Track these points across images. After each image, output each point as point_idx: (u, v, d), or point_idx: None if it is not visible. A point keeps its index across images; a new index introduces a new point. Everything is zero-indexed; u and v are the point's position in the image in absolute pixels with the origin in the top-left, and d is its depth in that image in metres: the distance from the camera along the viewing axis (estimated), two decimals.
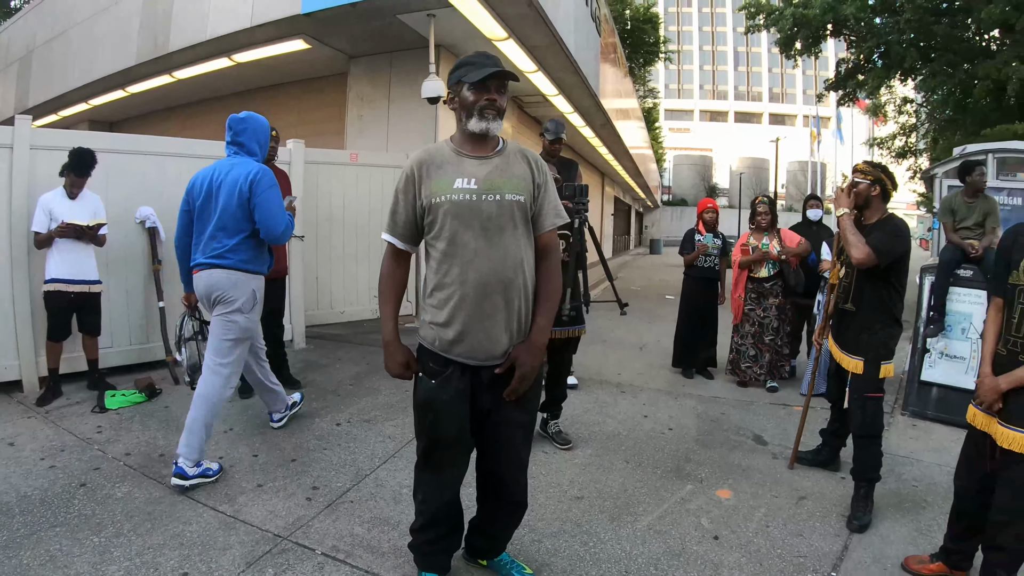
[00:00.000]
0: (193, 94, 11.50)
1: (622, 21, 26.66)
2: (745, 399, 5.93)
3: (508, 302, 2.36)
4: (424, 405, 2.42)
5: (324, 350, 6.86)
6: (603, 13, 12.87)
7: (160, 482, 3.64)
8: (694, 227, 6.93)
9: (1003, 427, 2.66)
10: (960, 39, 16.73)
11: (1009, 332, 2.74)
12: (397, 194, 2.42)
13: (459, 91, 2.38)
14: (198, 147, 6.23)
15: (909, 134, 25.87)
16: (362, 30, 8.10)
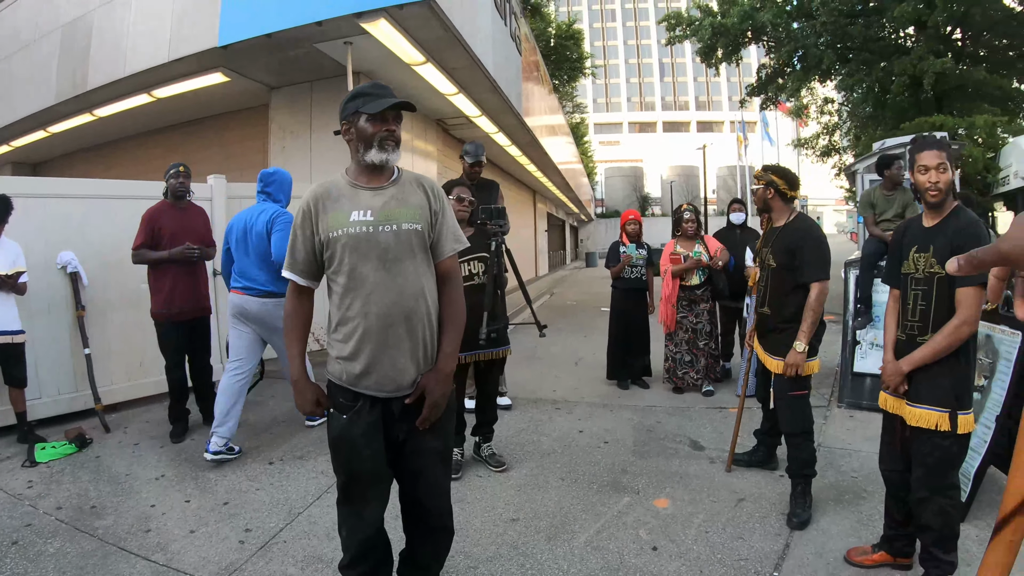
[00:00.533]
0: (116, 132, 11.26)
1: (545, 38, 26.93)
2: (681, 405, 6.05)
3: (412, 332, 2.37)
4: (338, 441, 2.39)
5: (257, 388, 6.64)
6: (523, 32, 13.01)
7: (92, 535, 3.54)
8: (618, 239, 7.05)
9: (910, 406, 2.85)
10: (875, 38, 17.43)
11: (906, 318, 2.94)
12: (295, 230, 2.40)
13: (356, 122, 2.37)
14: (121, 188, 6.19)
15: (832, 133, 26.74)
16: (280, 60, 8.06)
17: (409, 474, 2.50)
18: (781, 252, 3.82)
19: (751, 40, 19.68)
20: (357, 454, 2.36)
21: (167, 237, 5.18)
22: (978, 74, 16.05)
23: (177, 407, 5.30)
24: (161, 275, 5.18)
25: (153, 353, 5.44)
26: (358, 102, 2.37)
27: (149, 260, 5.15)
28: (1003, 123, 14.78)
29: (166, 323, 5.21)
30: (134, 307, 5.94)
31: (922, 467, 2.84)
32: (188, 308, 5.28)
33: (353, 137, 2.40)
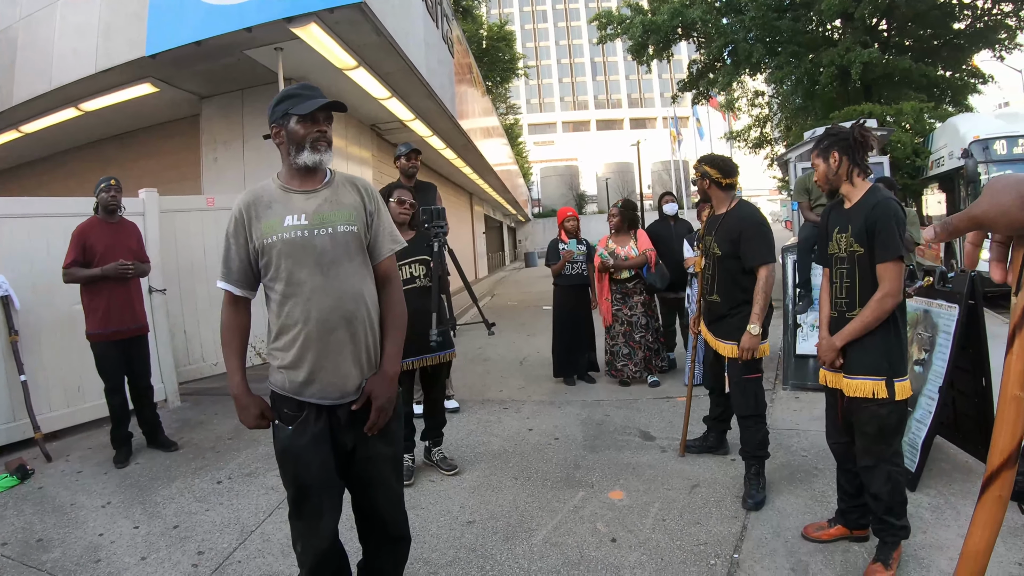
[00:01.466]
0: (47, 147, 10.85)
1: (477, 40, 26.96)
2: (628, 398, 6.13)
3: (353, 336, 2.34)
4: (285, 453, 2.33)
5: (200, 406, 6.60)
6: (455, 34, 12.98)
7: (41, 569, 3.42)
8: (557, 237, 7.10)
9: (847, 379, 2.99)
10: (803, 31, 17.95)
11: (835, 296, 3.10)
12: (228, 239, 2.33)
13: (286, 124, 2.32)
14: (48, 206, 5.95)
15: (763, 125, 27.38)
16: (210, 69, 7.89)
17: (362, 483, 2.47)
18: (725, 240, 3.90)
19: (681, 37, 20.05)
20: (306, 466, 2.31)
21: (99, 254, 5.02)
22: (904, 63, 16.63)
23: (119, 431, 5.12)
24: (95, 294, 5.02)
25: (91, 376, 5.25)
26: (287, 104, 2.33)
27: (81, 278, 4.98)
28: (929, 109, 15.41)
29: (103, 344, 5.05)
30: (68, 329, 5.74)
31: (864, 436, 2.97)
32: (125, 327, 5.14)
33: (284, 140, 2.35)
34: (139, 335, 5.32)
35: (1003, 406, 0.98)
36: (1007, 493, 0.99)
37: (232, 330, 2.39)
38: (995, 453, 0.99)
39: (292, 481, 2.35)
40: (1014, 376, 0.96)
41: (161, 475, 4.73)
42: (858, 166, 3.06)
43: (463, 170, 17.81)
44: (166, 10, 6.99)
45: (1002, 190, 0.89)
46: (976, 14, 17.67)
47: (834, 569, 3.04)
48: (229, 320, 2.40)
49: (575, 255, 6.87)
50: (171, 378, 6.67)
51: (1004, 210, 0.88)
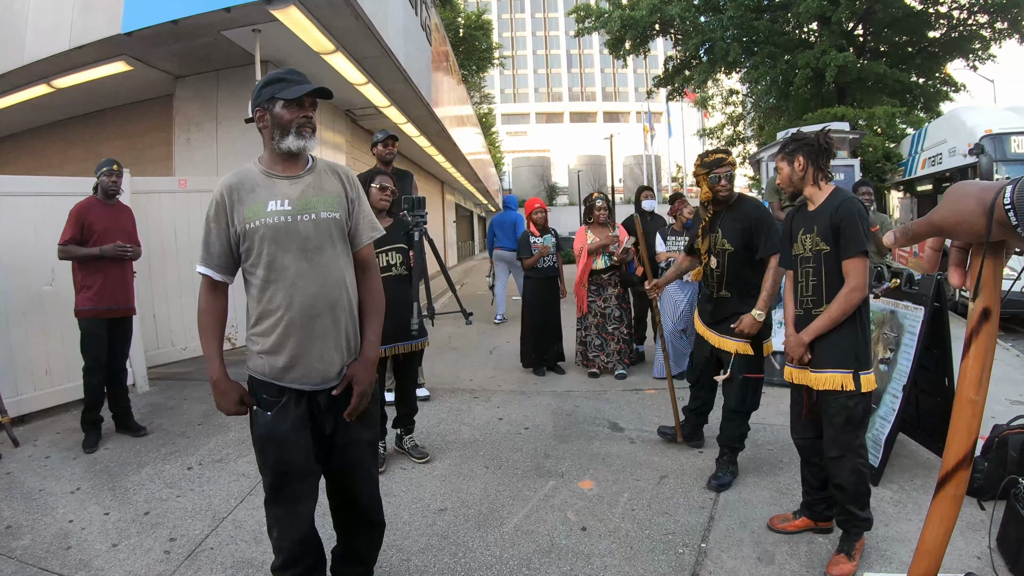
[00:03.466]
0: (14, 125, 10.59)
1: (454, 28, 26.83)
2: (598, 389, 6.21)
3: (336, 321, 2.36)
4: (264, 439, 2.34)
5: (170, 391, 6.54)
6: (434, 22, 12.92)
7: (10, 556, 3.37)
8: (526, 230, 7.13)
9: (815, 373, 3.09)
10: (780, 32, 18.13)
11: (801, 294, 3.22)
12: (208, 223, 2.33)
13: (271, 108, 2.32)
14: (17, 184, 5.84)
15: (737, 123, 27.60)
16: (186, 49, 7.77)
17: (342, 467, 2.49)
18: (736, 234, 3.93)
19: (659, 32, 20.14)
20: (287, 450, 2.32)
21: (98, 233, 5.02)
22: (878, 68, 16.90)
23: (92, 413, 5.05)
24: (91, 272, 5.01)
25: (60, 360, 5.19)
26: (274, 88, 2.33)
27: (78, 256, 4.96)
28: (901, 113, 15.66)
29: (92, 320, 5.02)
30: (37, 312, 5.67)
31: (832, 427, 3.07)
32: (117, 306, 5.15)
33: (268, 124, 2.35)
34: (128, 315, 5.33)
35: (958, 409, 1.03)
36: (961, 492, 1.04)
37: (210, 315, 2.39)
38: (950, 454, 1.04)
39: (271, 467, 2.35)
40: (970, 380, 1.01)
41: (131, 460, 4.69)
42: (822, 171, 3.18)
43: (436, 158, 17.74)
44: None
45: (963, 198, 0.93)
46: (951, 23, 17.99)
47: (799, 559, 3.13)
48: (208, 305, 2.39)
49: (551, 250, 6.93)
50: (140, 362, 6.59)
51: (964, 218, 0.92)
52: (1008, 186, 0.86)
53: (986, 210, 0.89)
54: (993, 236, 0.89)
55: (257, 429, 2.36)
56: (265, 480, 2.40)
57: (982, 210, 0.89)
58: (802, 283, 3.22)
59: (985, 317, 0.99)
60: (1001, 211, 0.86)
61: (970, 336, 1.00)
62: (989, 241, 0.92)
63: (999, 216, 0.87)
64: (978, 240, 0.95)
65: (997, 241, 0.92)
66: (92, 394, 5.06)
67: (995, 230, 0.88)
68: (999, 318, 1.00)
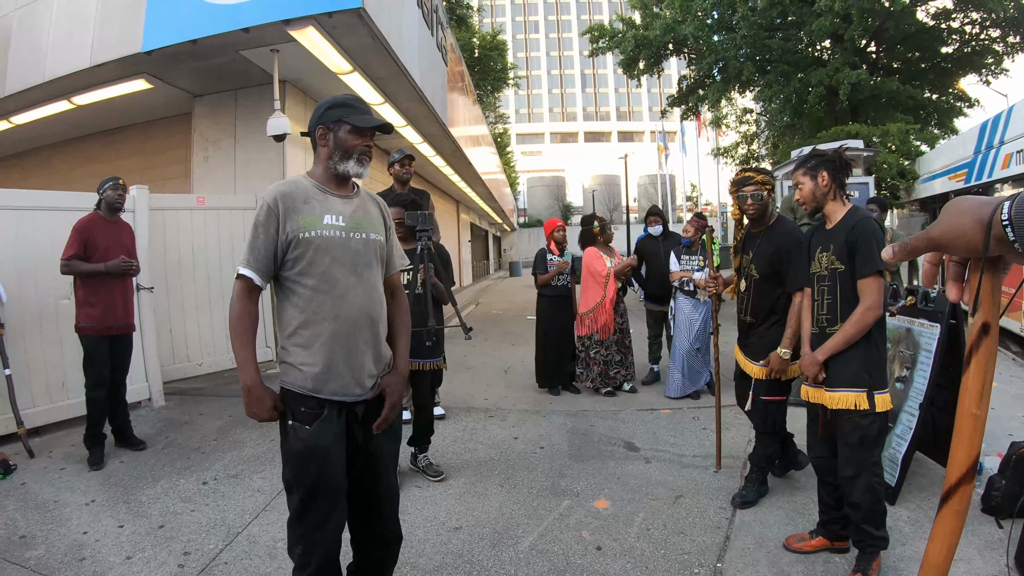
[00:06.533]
0: (33, 140, 10.76)
1: (469, 49, 27.02)
2: (612, 408, 6.18)
3: (375, 336, 2.41)
4: (303, 454, 2.29)
5: (184, 406, 6.57)
6: (449, 42, 13.02)
7: (24, 566, 3.38)
8: (545, 247, 7.14)
9: (829, 391, 3.08)
10: (793, 51, 18.11)
11: (817, 312, 3.21)
12: (257, 227, 2.31)
13: (337, 130, 2.38)
14: (38, 199, 5.90)
15: (751, 142, 27.55)
16: (205, 67, 7.89)
17: (370, 479, 2.48)
18: (765, 260, 3.86)
19: (673, 52, 20.17)
20: (328, 464, 2.30)
21: (100, 250, 5.04)
22: (891, 85, 16.83)
23: (96, 429, 5.05)
24: (94, 288, 5.02)
25: (75, 373, 5.20)
26: (342, 111, 2.39)
27: (81, 272, 4.97)
28: (915, 130, 15.59)
29: (94, 338, 5.03)
30: (53, 325, 5.71)
31: (847, 446, 3.05)
32: (117, 323, 5.15)
33: (329, 144, 2.40)
34: (128, 332, 5.34)
35: (960, 423, 1.03)
36: (964, 506, 1.03)
37: (246, 319, 2.35)
38: (953, 468, 1.03)
39: (309, 481, 2.30)
40: (971, 395, 1.00)
41: (146, 475, 4.70)
42: (841, 188, 3.19)
43: (451, 178, 17.84)
44: (164, 6, 6.99)
45: (961, 213, 0.93)
46: (964, 38, 17.93)
47: None
48: (244, 310, 2.35)
49: (568, 265, 6.96)
50: (156, 377, 6.62)
51: (962, 233, 0.92)
52: (1006, 202, 0.86)
53: (984, 226, 0.89)
54: (991, 252, 0.89)
55: (294, 444, 2.31)
56: (294, 496, 2.35)
57: (980, 226, 0.89)
58: (818, 301, 3.21)
59: (985, 332, 0.99)
60: (999, 227, 0.86)
61: (970, 351, 1.00)
62: (987, 256, 0.92)
63: (997, 232, 0.87)
64: (976, 255, 0.95)
65: (995, 256, 0.92)
66: (95, 410, 5.06)
67: (993, 246, 0.88)
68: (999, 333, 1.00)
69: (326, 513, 2.35)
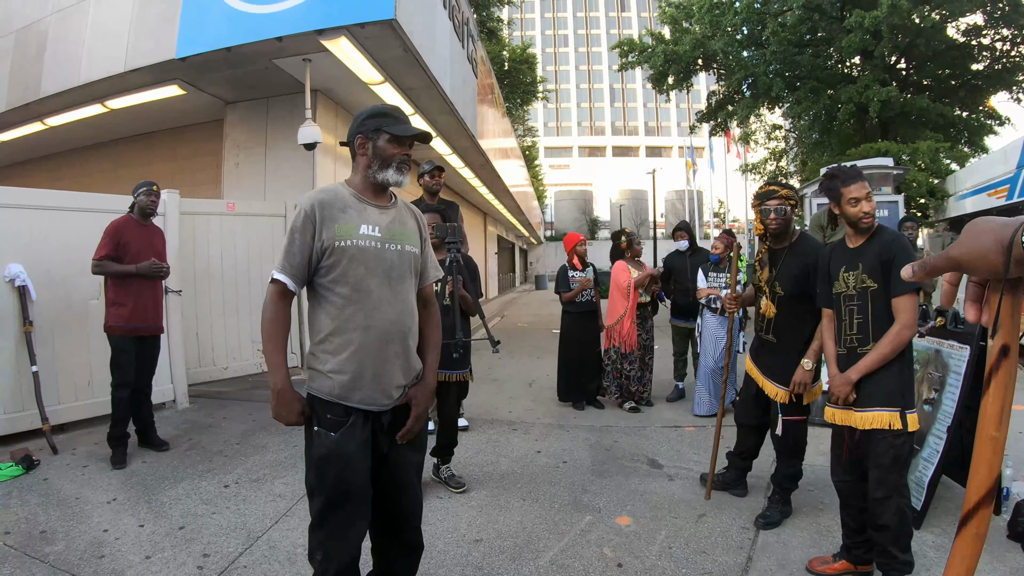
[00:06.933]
0: (65, 143, 10.94)
1: (499, 62, 27.12)
2: (637, 425, 6.11)
3: (406, 348, 2.41)
4: (327, 460, 2.30)
5: (208, 409, 6.62)
6: (479, 55, 13.09)
7: (44, 561, 3.40)
8: (567, 263, 7.10)
9: (860, 412, 3.01)
10: (823, 67, 18.02)
11: (844, 333, 3.14)
12: (293, 233, 2.33)
13: (376, 139, 2.39)
14: (70, 200, 5.99)
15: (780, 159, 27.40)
16: (237, 75, 7.99)
17: (393, 488, 2.48)
18: (791, 279, 3.78)
19: (702, 67, 20.16)
20: (350, 472, 2.30)
21: (132, 253, 5.10)
22: (921, 102, 16.67)
23: (119, 429, 5.08)
24: (124, 289, 5.08)
25: (102, 372, 5.25)
26: (382, 120, 2.40)
27: (112, 272, 5.04)
28: (945, 148, 15.40)
29: (122, 338, 5.07)
30: (82, 324, 5.78)
31: (878, 468, 2.98)
32: (147, 324, 5.20)
33: (368, 153, 2.42)
34: (157, 334, 5.40)
35: (979, 446, 1.02)
36: (983, 530, 1.02)
37: (279, 324, 2.36)
38: (972, 491, 1.02)
39: (330, 488, 2.31)
40: (990, 417, 1.00)
41: (168, 475, 4.72)
42: None
43: (479, 189, 17.90)
44: (198, 14, 7.09)
45: (981, 233, 0.92)
46: (994, 56, 17.75)
47: None
48: (278, 314, 2.35)
49: (592, 283, 6.91)
50: (182, 379, 6.68)
51: (983, 254, 0.91)
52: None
53: (1004, 247, 0.88)
54: (1011, 273, 0.89)
55: (318, 450, 2.32)
56: (316, 502, 2.35)
57: (1000, 247, 0.89)
58: (845, 321, 3.14)
59: (1004, 354, 0.98)
60: (1019, 249, 0.86)
61: (989, 373, 0.99)
62: (1007, 278, 0.91)
63: (1017, 253, 0.86)
64: (995, 277, 0.94)
65: (1015, 278, 0.91)
66: (120, 410, 5.10)
67: (1013, 268, 0.88)
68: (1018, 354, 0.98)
69: (347, 520, 2.34)
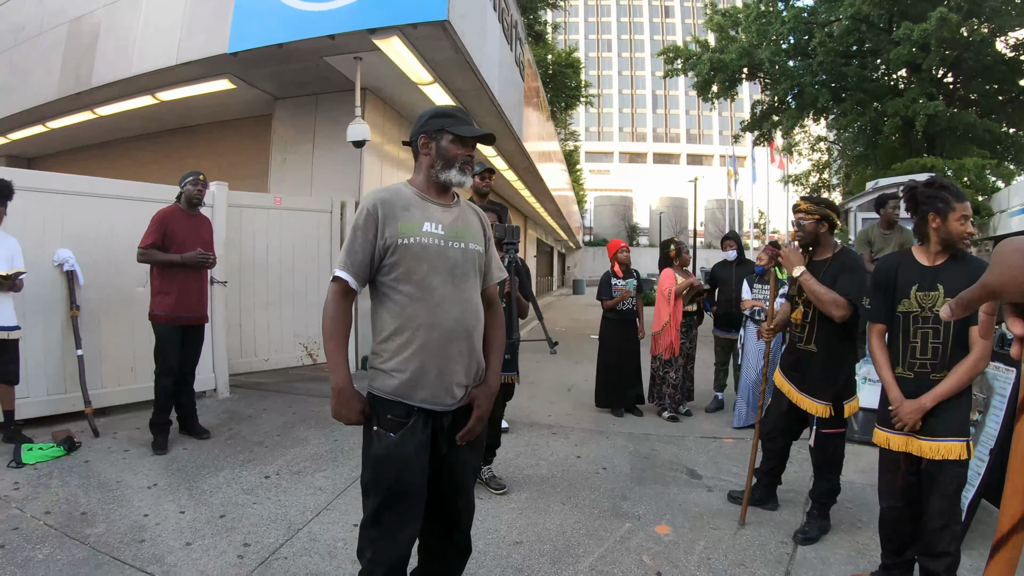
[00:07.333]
0: (113, 132, 11.15)
1: (544, 65, 27.12)
2: (676, 434, 6.05)
3: (471, 348, 2.38)
4: (386, 459, 2.28)
5: (248, 399, 6.69)
6: (527, 58, 13.08)
7: (84, 543, 3.42)
8: (609, 270, 7.07)
9: (929, 441, 2.88)
10: (870, 79, 17.72)
11: (913, 356, 2.97)
12: (356, 231, 2.32)
13: (439, 139, 2.39)
14: (120, 188, 6.11)
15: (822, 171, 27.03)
16: (288, 71, 8.07)
17: (451, 489, 2.45)
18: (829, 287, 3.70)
19: (748, 76, 19.93)
20: (408, 472, 2.28)
21: (178, 242, 5.13)
22: (968, 117, 16.30)
23: (161, 417, 5.13)
24: (170, 278, 5.11)
25: (145, 358, 5.31)
26: (446, 121, 2.40)
27: (157, 261, 5.08)
28: (991, 166, 15.04)
29: (166, 326, 5.12)
30: (127, 310, 5.87)
31: (944, 497, 2.87)
32: (191, 314, 5.25)
33: (431, 152, 2.42)
34: (201, 324, 5.43)
35: (1013, 471, 0.96)
36: (1016, 555, 0.97)
37: (341, 321, 2.35)
38: (1005, 517, 0.98)
39: (386, 488, 2.29)
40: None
41: (208, 464, 4.76)
42: None
43: (521, 192, 17.90)
44: (251, 9, 7.19)
45: (1009, 255, 0.87)
46: None
47: None
48: (339, 312, 2.35)
49: (632, 293, 6.88)
50: (223, 369, 6.76)
51: (1014, 275, 0.86)
52: None
53: None
54: None
55: (377, 450, 2.30)
56: (371, 500, 2.33)
57: None
58: (915, 344, 2.97)
59: None
60: None
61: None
62: None
63: None
64: None
65: None
66: (162, 397, 5.15)
67: None
68: None
69: (400, 521, 2.32)
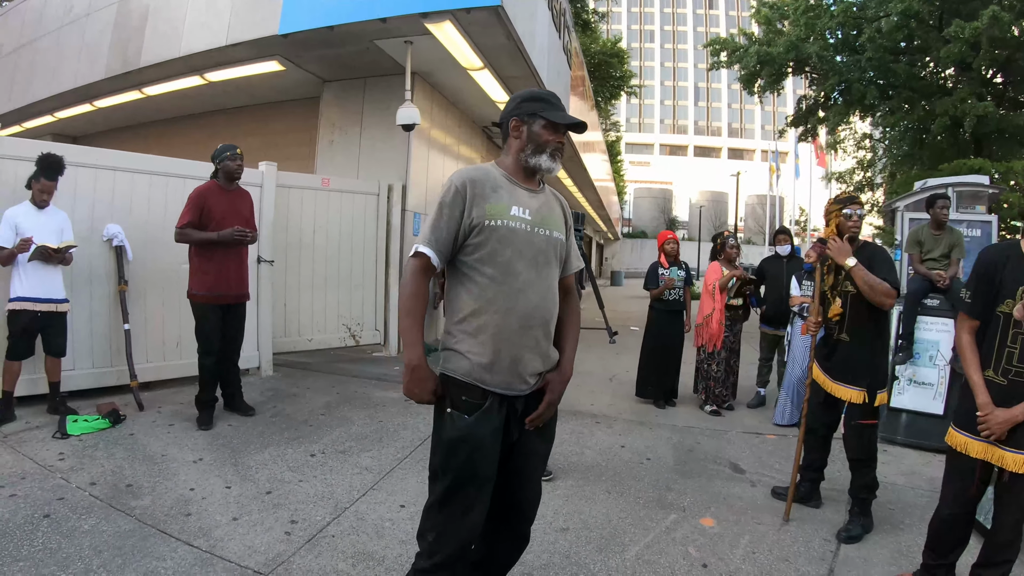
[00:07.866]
0: (161, 112, 11.28)
1: (590, 55, 26.95)
2: (719, 428, 6.01)
3: (547, 335, 2.35)
4: (459, 442, 2.24)
5: (292, 379, 6.74)
6: (574, 46, 13.00)
7: (129, 514, 3.45)
8: (657, 260, 7.03)
9: (1014, 453, 2.70)
10: (919, 77, 17.29)
11: (1009, 362, 2.73)
12: (442, 208, 2.29)
13: (531, 124, 2.37)
14: (170, 165, 6.17)
15: (867, 169, 26.52)
16: (337, 54, 8.07)
17: (516, 476, 2.42)
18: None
19: (794, 71, 19.59)
20: (481, 455, 2.25)
21: (216, 219, 5.09)
22: (1019, 119, 15.86)
23: (206, 394, 5.17)
24: (207, 257, 5.10)
25: (190, 334, 5.34)
26: (538, 105, 2.38)
27: (196, 240, 5.06)
28: None
29: (205, 306, 5.13)
30: (174, 286, 5.90)
31: (1021, 510, 2.74)
32: (230, 292, 5.24)
33: (522, 136, 2.38)
34: (240, 302, 5.42)
35: None
36: None
37: (419, 298, 2.31)
38: None
39: (459, 470, 2.26)
40: None
41: (254, 440, 4.79)
42: None
43: (564, 181, 17.84)
44: None
45: None
46: None
47: None
48: (417, 288, 2.31)
49: (676, 282, 6.80)
50: (267, 347, 6.81)
51: None
52: None
53: None
54: None
55: (451, 431, 2.26)
56: (440, 483, 2.29)
57: None
58: (1013, 350, 2.71)
59: None
60: None
61: None
62: None
63: None
64: None
65: None
66: (206, 374, 5.18)
67: None
68: None
69: (470, 505, 2.29)
